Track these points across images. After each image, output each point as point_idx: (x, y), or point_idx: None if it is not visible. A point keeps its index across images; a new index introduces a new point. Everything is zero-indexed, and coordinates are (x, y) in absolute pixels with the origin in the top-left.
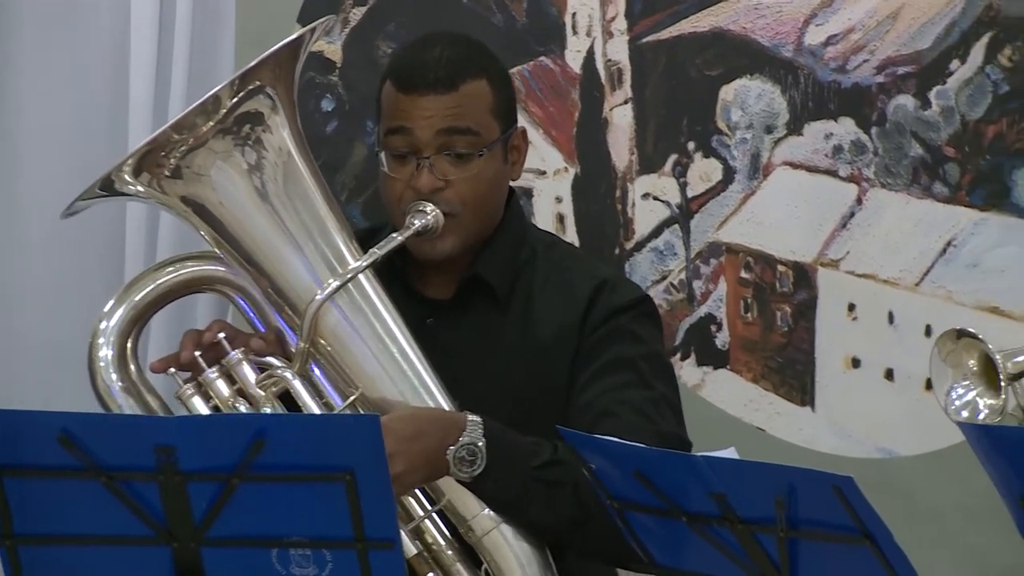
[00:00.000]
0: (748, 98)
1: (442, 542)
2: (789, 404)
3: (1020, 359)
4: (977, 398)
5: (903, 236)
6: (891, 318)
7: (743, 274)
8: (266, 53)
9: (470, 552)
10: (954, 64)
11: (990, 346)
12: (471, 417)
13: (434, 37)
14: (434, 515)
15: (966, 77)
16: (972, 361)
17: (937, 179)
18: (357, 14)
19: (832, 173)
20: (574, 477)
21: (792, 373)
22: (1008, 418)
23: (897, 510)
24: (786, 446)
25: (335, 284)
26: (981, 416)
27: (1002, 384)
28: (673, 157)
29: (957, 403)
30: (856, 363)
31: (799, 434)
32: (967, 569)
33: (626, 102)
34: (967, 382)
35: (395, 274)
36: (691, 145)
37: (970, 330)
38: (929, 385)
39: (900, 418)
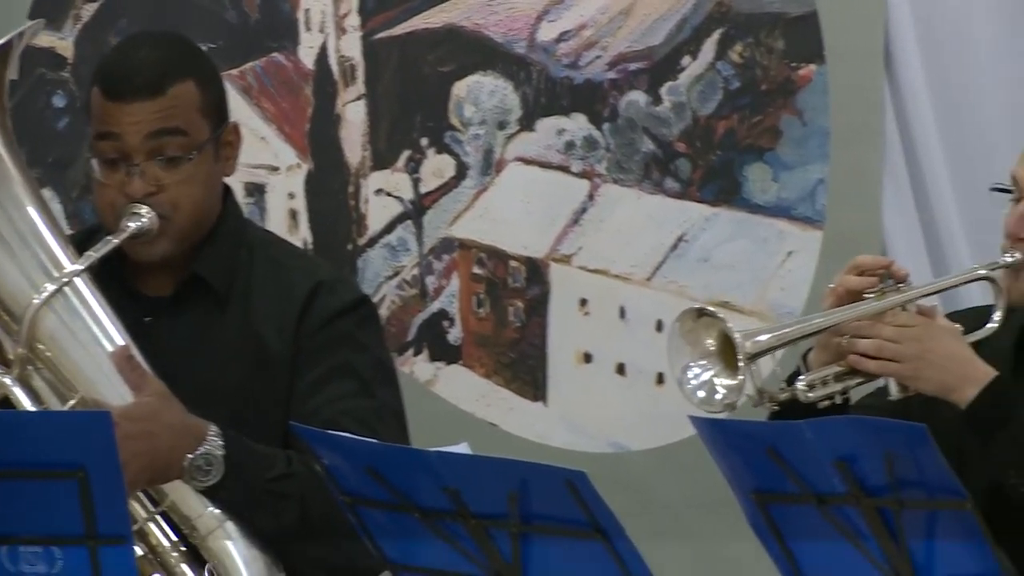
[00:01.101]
0: (481, 94)
1: (167, 544)
2: (522, 399)
3: (761, 339)
4: (714, 378)
5: (635, 231)
6: (623, 313)
7: (476, 270)
8: None
9: (196, 552)
10: (685, 60)
11: (730, 325)
12: (212, 427)
13: (138, 39)
14: (158, 516)
15: (697, 73)
16: (710, 340)
17: (669, 175)
18: (89, 10)
19: (564, 169)
20: (302, 491)
21: (525, 368)
22: (745, 401)
23: (630, 504)
24: (519, 441)
25: (51, 288)
26: (718, 396)
27: (740, 364)
28: (406, 153)
29: (693, 383)
30: (588, 358)
31: (532, 429)
32: (700, 562)
33: (359, 98)
34: (704, 361)
35: (114, 272)
36: (424, 141)
37: (711, 309)
38: (660, 379)
39: (632, 413)
